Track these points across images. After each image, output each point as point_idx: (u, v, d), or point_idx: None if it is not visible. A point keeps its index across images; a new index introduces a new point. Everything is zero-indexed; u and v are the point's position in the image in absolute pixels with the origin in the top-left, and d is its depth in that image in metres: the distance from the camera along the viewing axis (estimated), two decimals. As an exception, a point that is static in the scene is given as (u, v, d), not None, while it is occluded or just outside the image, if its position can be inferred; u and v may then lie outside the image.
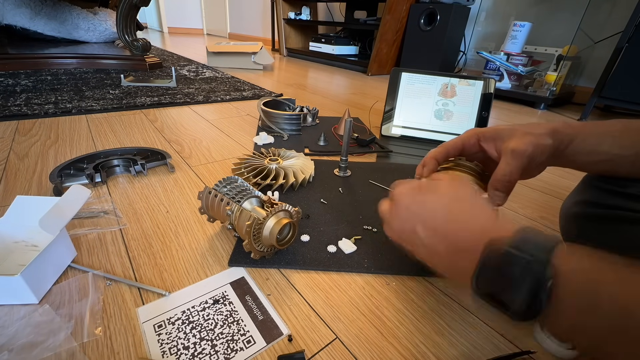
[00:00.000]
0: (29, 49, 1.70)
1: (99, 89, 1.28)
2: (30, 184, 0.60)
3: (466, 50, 2.12)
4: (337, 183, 0.67)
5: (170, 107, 1.14)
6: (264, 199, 0.46)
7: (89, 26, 2.05)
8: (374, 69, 2.20)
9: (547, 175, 0.83)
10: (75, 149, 0.76)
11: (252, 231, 0.40)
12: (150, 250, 0.46)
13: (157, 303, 0.38)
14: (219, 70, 1.86)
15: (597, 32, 1.58)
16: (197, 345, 0.33)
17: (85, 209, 0.53)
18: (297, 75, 2.00)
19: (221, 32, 4.60)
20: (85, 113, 1.01)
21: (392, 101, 0.96)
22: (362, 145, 0.88)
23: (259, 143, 0.86)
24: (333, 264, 0.45)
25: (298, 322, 0.37)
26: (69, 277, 0.40)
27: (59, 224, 0.40)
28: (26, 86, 1.23)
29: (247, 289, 0.41)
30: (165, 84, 1.39)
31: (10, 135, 0.81)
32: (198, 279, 0.42)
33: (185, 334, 0.34)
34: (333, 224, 0.53)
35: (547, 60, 1.70)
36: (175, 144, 0.83)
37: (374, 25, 2.18)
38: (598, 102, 1.40)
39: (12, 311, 0.35)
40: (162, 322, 0.35)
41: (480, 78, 0.90)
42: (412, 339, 0.36)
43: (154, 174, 0.67)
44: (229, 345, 0.33)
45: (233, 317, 0.37)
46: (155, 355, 0.32)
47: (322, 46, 2.51)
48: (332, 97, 1.50)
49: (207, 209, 0.48)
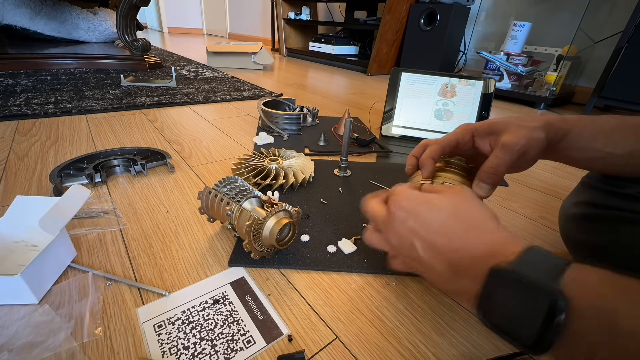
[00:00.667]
0: (29, 49, 1.70)
1: (99, 89, 1.28)
2: (30, 184, 0.60)
3: (466, 50, 2.12)
4: (337, 183, 0.67)
5: (170, 107, 1.14)
6: (263, 199, 0.46)
7: (89, 26, 2.05)
8: (373, 69, 2.20)
9: (547, 175, 0.83)
10: (75, 149, 0.76)
11: (252, 231, 0.40)
12: (150, 250, 0.46)
13: (157, 303, 0.38)
14: (219, 70, 1.86)
15: (597, 32, 1.58)
16: (197, 345, 0.33)
17: (85, 209, 0.53)
18: (297, 75, 2.00)
19: (221, 32, 4.60)
20: (85, 113, 1.01)
21: (392, 101, 0.96)
22: (362, 145, 0.88)
23: (259, 143, 0.86)
24: (333, 264, 0.45)
25: (298, 322, 0.37)
26: (69, 277, 0.40)
27: (58, 224, 0.40)
28: (26, 86, 1.23)
29: (247, 289, 0.40)
30: (165, 84, 1.39)
31: (10, 135, 0.81)
32: (198, 279, 0.42)
33: (185, 334, 0.34)
34: (333, 224, 0.53)
35: (547, 60, 1.70)
36: (175, 144, 0.83)
37: (374, 25, 2.18)
38: (598, 102, 1.40)
39: (12, 311, 0.35)
40: (162, 322, 0.35)
41: (480, 78, 0.90)
42: (412, 339, 0.36)
43: (154, 174, 0.68)
44: (229, 345, 0.33)
45: (233, 317, 0.37)
46: (155, 355, 0.32)
47: (322, 46, 2.51)
48: (332, 97, 1.50)
49: (207, 209, 0.48)
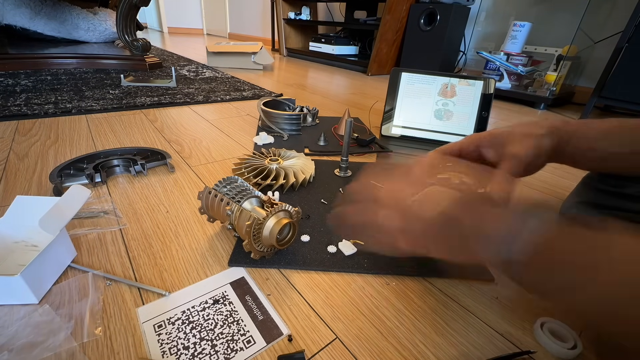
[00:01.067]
0: (29, 49, 1.70)
1: (99, 89, 1.28)
2: (30, 184, 0.60)
3: (466, 50, 2.12)
4: (338, 183, 0.67)
5: (170, 107, 1.14)
6: (264, 199, 0.46)
7: (89, 26, 2.05)
8: (373, 69, 2.20)
9: (547, 175, 0.83)
10: (75, 149, 0.76)
11: (252, 231, 0.40)
12: (150, 250, 0.46)
13: (157, 303, 0.38)
14: (219, 70, 1.86)
15: (597, 32, 1.58)
16: (197, 345, 0.33)
17: (85, 209, 0.53)
18: (297, 75, 2.00)
19: (221, 32, 4.60)
20: (85, 113, 1.01)
21: (392, 101, 0.96)
22: (362, 145, 0.88)
23: (259, 143, 0.86)
24: (333, 264, 0.45)
25: (298, 322, 0.37)
26: (68, 277, 0.40)
27: (58, 224, 0.40)
28: (26, 86, 1.23)
29: (247, 289, 0.40)
30: (165, 84, 1.39)
31: (10, 135, 0.81)
32: (198, 279, 0.42)
33: (185, 334, 0.34)
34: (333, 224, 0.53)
35: (547, 60, 1.70)
36: (175, 144, 0.83)
37: (374, 25, 2.18)
38: (598, 102, 1.40)
39: (12, 311, 0.35)
40: (162, 322, 0.35)
41: (480, 78, 0.90)
42: (412, 339, 0.36)
43: (154, 174, 0.68)
44: (229, 345, 0.33)
45: (233, 317, 0.37)
46: (156, 356, 0.32)
47: (322, 46, 2.51)
48: (332, 97, 1.50)
49: (207, 209, 0.48)
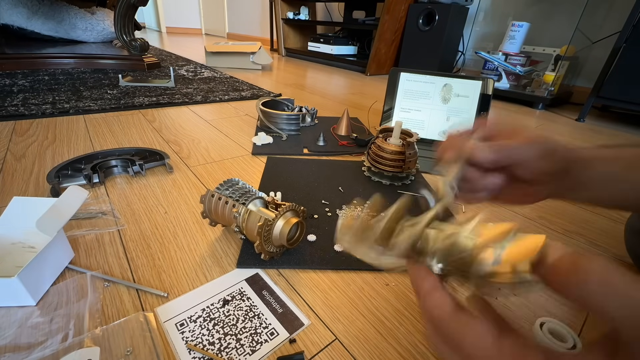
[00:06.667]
0: (26, 48, 1.69)
1: (97, 89, 1.27)
2: (27, 185, 0.60)
3: (464, 50, 2.12)
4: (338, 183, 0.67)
5: (168, 107, 1.14)
6: (267, 199, 0.46)
7: (87, 26, 2.04)
8: (372, 69, 2.20)
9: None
10: (72, 149, 0.76)
11: (263, 232, 0.41)
12: (149, 251, 0.46)
13: (174, 302, 0.38)
14: (218, 70, 1.86)
15: (595, 32, 1.59)
16: (222, 341, 0.34)
17: (83, 209, 0.53)
18: (296, 75, 2.00)
19: (220, 32, 4.59)
20: (82, 113, 1.01)
21: (391, 101, 0.96)
22: (361, 145, 0.88)
23: (257, 143, 0.86)
24: (341, 262, 0.46)
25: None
26: (66, 279, 0.40)
27: (56, 225, 0.39)
28: (23, 86, 1.23)
29: (263, 284, 0.42)
30: (164, 84, 1.38)
31: (7, 135, 0.81)
32: (197, 279, 0.41)
33: (209, 330, 0.35)
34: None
35: (545, 60, 1.71)
36: (173, 144, 0.83)
37: (373, 25, 2.18)
38: (596, 102, 1.41)
39: (9, 313, 0.35)
40: (184, 321, 0.36)
41: (478, 78, 0.90)
42: (412, 339, 0.36)
43: (152, 174, 0.67)
44: (253, 338, 0.34)
45: (253, 312, 0.38)
46: (182, 353, 0.33)
47: (321, 46, 2.51)
48: (331, 97, 1.50)
49: (210, 213, 0.47)
